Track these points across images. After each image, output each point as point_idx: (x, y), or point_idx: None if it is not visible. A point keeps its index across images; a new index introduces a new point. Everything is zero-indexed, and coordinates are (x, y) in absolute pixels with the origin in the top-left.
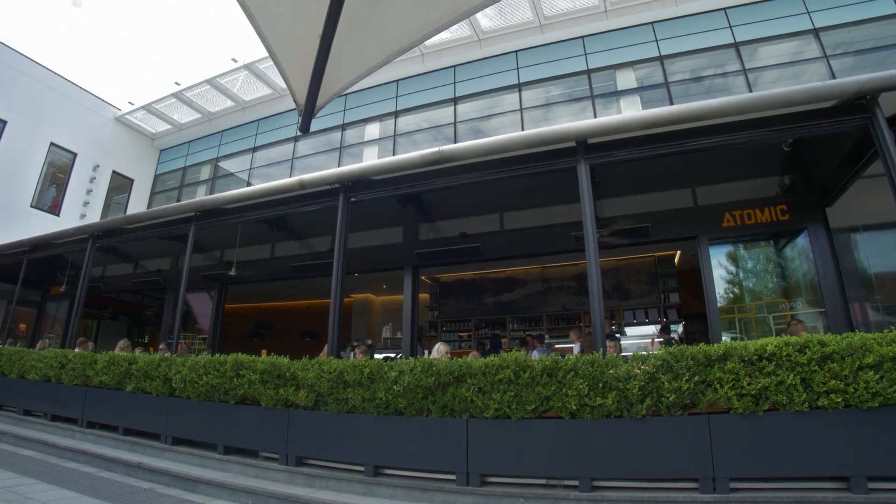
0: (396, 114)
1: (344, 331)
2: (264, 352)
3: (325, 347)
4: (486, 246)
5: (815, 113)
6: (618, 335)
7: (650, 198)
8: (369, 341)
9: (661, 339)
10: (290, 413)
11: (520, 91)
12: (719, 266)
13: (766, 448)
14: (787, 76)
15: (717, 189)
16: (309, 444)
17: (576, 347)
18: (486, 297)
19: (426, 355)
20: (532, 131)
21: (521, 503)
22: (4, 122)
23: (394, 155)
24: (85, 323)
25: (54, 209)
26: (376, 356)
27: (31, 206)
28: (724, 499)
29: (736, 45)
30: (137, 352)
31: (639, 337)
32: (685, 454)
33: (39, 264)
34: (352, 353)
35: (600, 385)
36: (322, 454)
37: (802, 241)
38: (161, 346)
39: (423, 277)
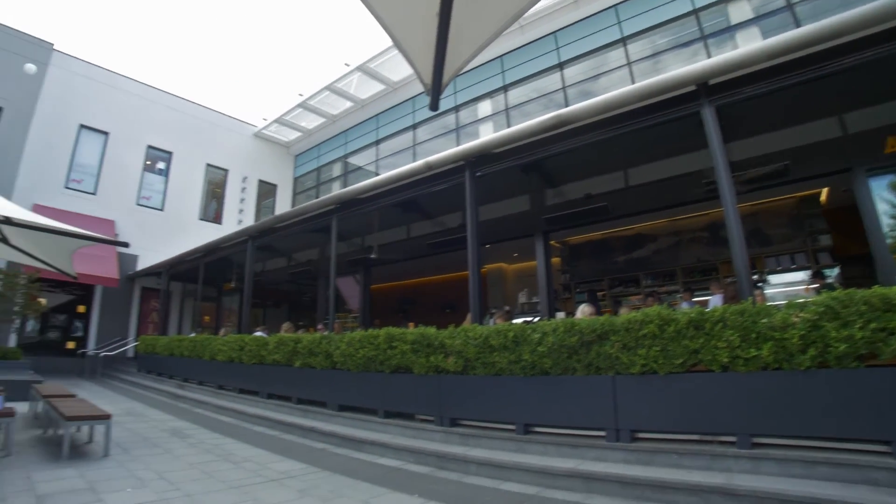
0: (505, 88)
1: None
2: (411, 325)
3: (468, 316)
4: (612, 204)
5: None
6: (760, 284)
7: (788, 133)
8: (507, 308)
9: (816, 286)
10: (441, 378)
11: (625, 45)
12: (882, 200)
13: None
14: None
15: (872, 112)
16: (460, 407)
17: (715, 300)
18: (617, 255)
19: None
20: (648, 81)
21: (675, 459)
22: (171, 153)
23: (507, 128)
24: (253, 312)
25: (217, 219)
26: (514, 321)
27: (199, 219)
28: None
29: None
30: (299, 333)
31: (785, 285)
32: (867, 410)
33: (212, 266)
34: (492, 320)
35: (753, 336)
36: (473, 415)
37: None
38: (319, 327)
39: (551, 242)
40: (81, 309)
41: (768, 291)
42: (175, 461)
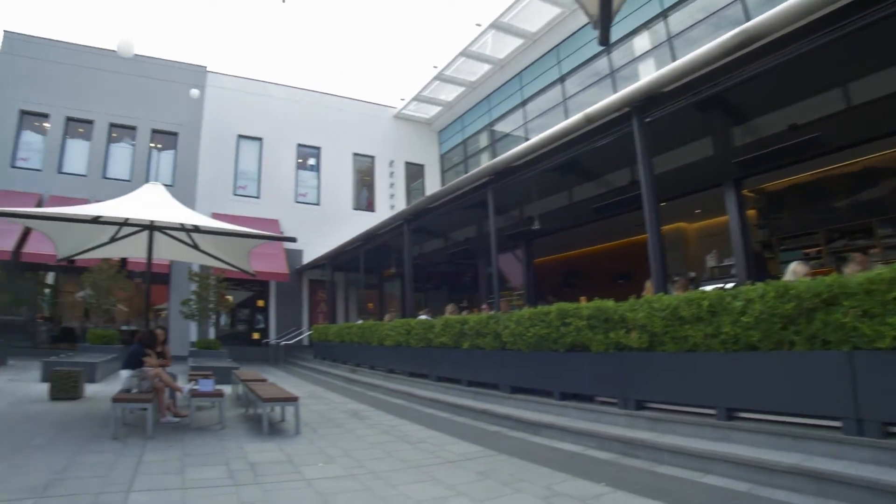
0: (664, 14)
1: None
2: (583, 299)
3: (648, 285)
4: (827, 134)
5: None
6: None
7: None
8: (692, 274)
9: None
10: (623, 356)
11: None
12: None
13: None
14: None
15: None
16: (646, 387)
17: None
18: (835, 199)
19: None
20: None
21: None
22: (319, 148)
23: (674, 61)
24: (414, 296)
25: (370, 207)
26: (703, 289)
27: (353, 209)
28: None
29: None
30: (464, 314)
31: None
32: None
33: (371, 253)
34: (672, 290)
35: None
36: (662, 397)
37: None
38: (483, 307)
39: (744, 192)
40: (261, 303)
41: None
42: (357, 440)
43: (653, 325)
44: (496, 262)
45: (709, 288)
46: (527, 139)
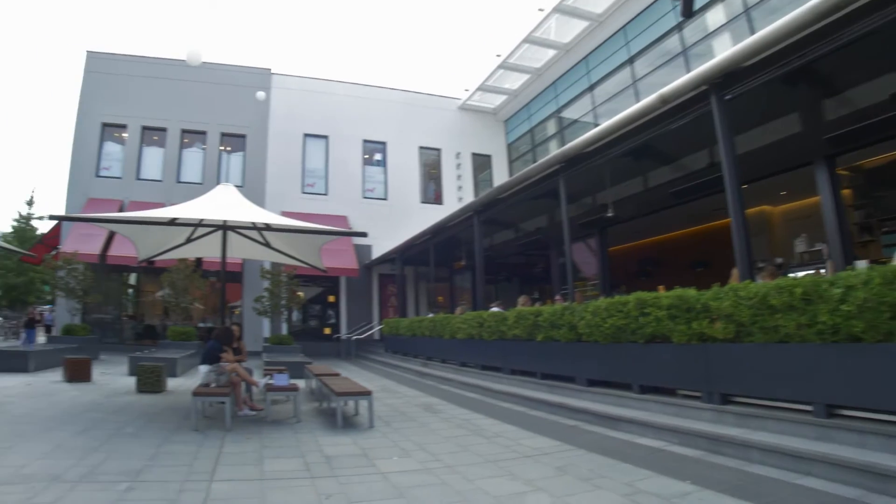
0: None
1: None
2: (661, 288)
3: (734, 272)
4: None
5: None
6: None
7: None
8: (779, 260)
9: None
10: (707, 348)
11: None
12: None
13: None
14: None
15: None
16: (733, 381)
17: None
18: None
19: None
20: None
21: None
22: (384, 143)
23: (753, 33)
24: (485, 288)
25: (437, 200)
26: (793, 276)
27: (421, 203)
28: None
29: None
30: (537, 306)
31: None
32: None
33: (440, 246)
34: (757, 278)
35: None
36: (751, 391)
37: None
38: (557, 298)
39: (837, 170)
40: (332, 299)
41: None
42: (431, 434)
43: (739, 314)
44: (569, 251)
45: (800, 274)
46: (596, 125)
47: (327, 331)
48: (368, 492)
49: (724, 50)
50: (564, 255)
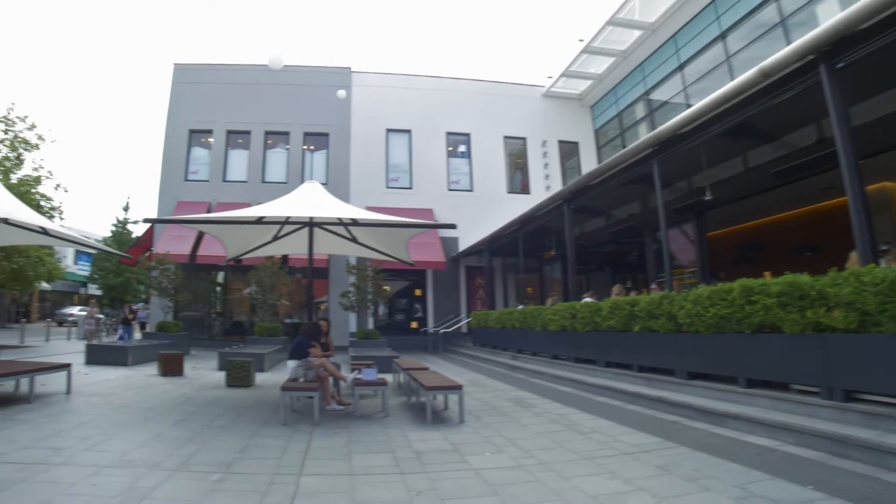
0: None
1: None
2: (767, 274)
3: (853, 255)
4: None
5: None
6: None
7: None
8: None
9: None
10: (825, 338)
11: None
12: None
13: None
14: None
15: None
16: (857, 375)
17: None
18: None
19: None
20: None
21: None
22: (468, 135)
23: None
24: (577, 278)
25: (524, 189)
26: None
27: (508, 193)
28: None
29: None
30: (632, 295)
31: None
32: None
33: (529, 236)
34: (881, 262)
35: None
36: (881, 388)
37: None
38: (652, 286)
39: None
40: (418, 292)
41: None
42: (523, 429)
43: (863, 301)
44: (666, 238)
45: None
46: (688, 105)
47: (414, 325)
48: (460, 488)
49: (829, 17)
50: (660, 241)
